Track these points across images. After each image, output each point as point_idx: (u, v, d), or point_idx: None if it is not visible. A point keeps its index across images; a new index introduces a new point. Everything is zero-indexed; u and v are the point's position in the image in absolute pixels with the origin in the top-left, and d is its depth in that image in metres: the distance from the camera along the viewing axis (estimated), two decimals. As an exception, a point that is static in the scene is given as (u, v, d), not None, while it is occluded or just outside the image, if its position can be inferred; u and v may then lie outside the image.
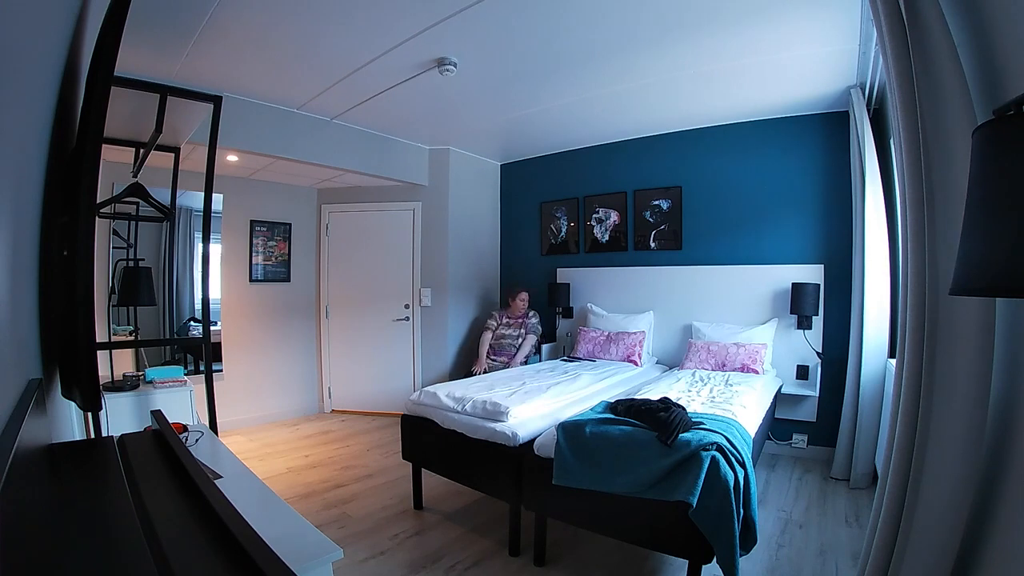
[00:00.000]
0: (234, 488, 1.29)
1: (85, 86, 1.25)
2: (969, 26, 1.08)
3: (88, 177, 1.09)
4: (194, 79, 2.91)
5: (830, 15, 2.29)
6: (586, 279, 4.57)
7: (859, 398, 2.97)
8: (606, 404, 2.33)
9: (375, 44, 2.63)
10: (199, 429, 1.95)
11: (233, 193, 4.23)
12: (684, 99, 3.43)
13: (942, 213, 1.08)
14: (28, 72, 0.84)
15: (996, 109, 0.69)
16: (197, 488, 0.90)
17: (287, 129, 3.60)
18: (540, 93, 3.34)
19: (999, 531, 0.99)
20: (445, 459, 2.60)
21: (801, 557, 2.26)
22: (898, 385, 1.25)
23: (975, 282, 0.69)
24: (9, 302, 0.77)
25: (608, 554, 2.31)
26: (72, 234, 1.09)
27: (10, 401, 0.75)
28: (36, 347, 1.06)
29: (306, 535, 1.14)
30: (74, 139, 1.31)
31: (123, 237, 3.35)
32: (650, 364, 3.92)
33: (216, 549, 0.73)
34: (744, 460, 1.84)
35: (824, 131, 3.50)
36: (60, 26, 1.13)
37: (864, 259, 2.92)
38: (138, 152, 2.67)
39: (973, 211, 0.71)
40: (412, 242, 4.78)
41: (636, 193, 4.32)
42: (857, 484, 2.98)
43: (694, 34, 2.51)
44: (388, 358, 4.84)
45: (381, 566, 2.21)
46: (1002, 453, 1.02)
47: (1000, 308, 1.05)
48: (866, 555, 1.33)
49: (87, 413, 2.19)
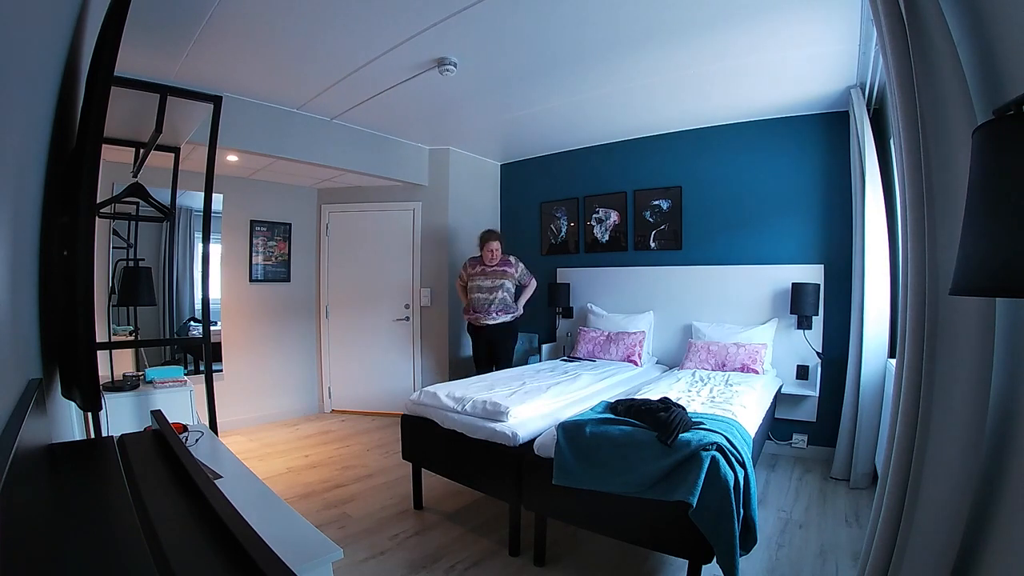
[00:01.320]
0: (234, 488, 1.29)
1: (85, 86, 1.25)
2: (969, 26, 1.08)
3: (88, 177, 1.09)
4: (194, 79, 2.91)
5: (830, 15, 2.29)
6: (586, 279, 4.57)
7: (859, 398, 2.97)
8: (606, 404, 2.33)
9: (375, 44, 2.63)
10: (199, 429, 1.95)
11: (233, 193, 4.23)
12: (684, 99, 3.43)
13: (942, 213, 1.08)
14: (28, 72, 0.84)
15: (996, 109, 0.69)
16: (197, 488, 0.90)
17: (287, 129, 3.60)
18: (540, 93, 3.34)
19: (999, 531, 0.99)
20: (445, 459, 2.60)
21: (801, 557, 2.26)
22: (898, 385, 1.25)
23: (975, 282, 0.69)
24: (9, 302, 0.77)
25: (608, 554, 2.31)
26: (72, 234, 1.09)
27: (10, 401, 0.75)
28: (36, 347, 1.06)
29: (306, 535, 1.14)
30: (74, 139, 1.31)
31: (123, 237, 3.35)
32: (650, 364, 3.91)
33: (216, 549, 0.73)
34: (744, 460, 1.84)
35: (824, 131, 3.50)
36: (60, 26, 1.13)
37: (864, 259, 2.92)
38: (138, 152, 2.67)
39: (973, 211, 0.71)
40: (412, 242, 4.78)
41: (636, 193, 4.31)
42: (857, 484, 2.98)
43: (694, 34, 2.51)
44: (388, 358, 4.84)
45: (381, 566, 2.21)
46: (1002, 453, 1.02)
47: (1000, 308, 1.05)
48: (866, 555, 1.33)
49: (87, 413, 2.19)
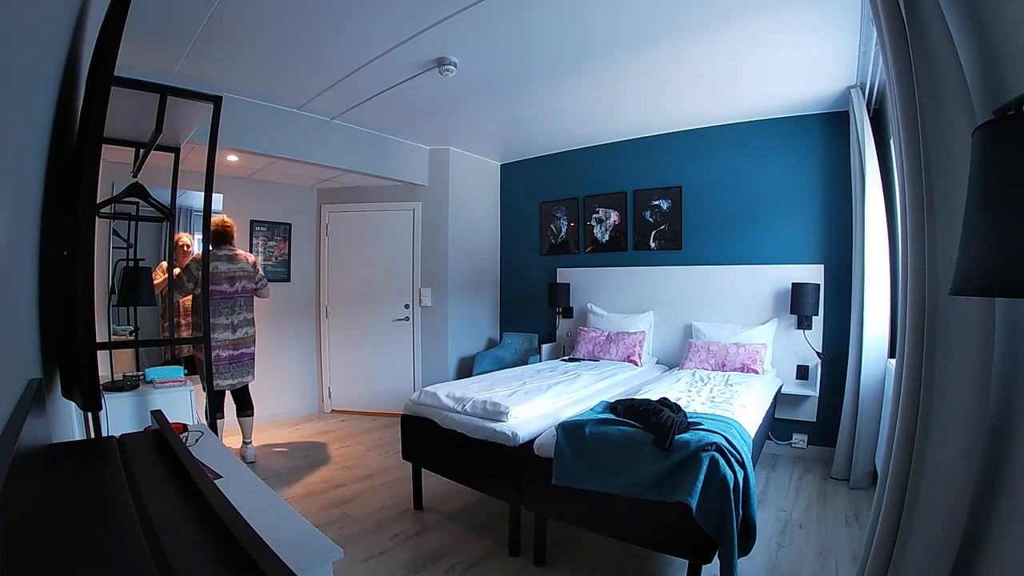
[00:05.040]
0: (234, 488, 1.29)
1: (85, 86, 1.25)
2: (969, 26, 1.08)
3: (88, 177, 1.09)
4: (194, 79, 2.91)
5: (830, 15, 2.29)
6: (586, 279, 4.57)
7: (859, 398, 2.97)
8: (606, 404, 2.33)
9: (375, 44, 2.63)
10: (199, 429, 1.95)
11: (233, 193, 4.23)
12: (684, 99, 3.43)
13: (942, 213, 1.08)
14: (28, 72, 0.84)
15: (996, 109, 0.69)
16: (197, 488, 0.90)
17: (287, 129, 3.60)
18: (540, 93, 3.34)
19: (999, 531, 0.99)
20: (445, 459, 2.60)
21: (801, 557, 2.26)
22: (898, 385, 1.25)
23: (975, 282, 0.69)
24: (9, 302, 0.77)
25: (608, 554, 2.31)
26: (72, 234, 1.09)
27: (10, 401, 0.75)
28: (36, 347, 1.06)
29: (306, 535, 1.14)
30: (74, 139, 1.30)
31: (123, 237, 3.35)
32: (650, 364, 3.91)
33: (216, 549, 0.73)
34: (744, 460, 1.84)
35: (824, 131, 3.50)
36: (60, 26, 1.13)
37: (864, 259, 2.92)
38: (138, 152, 2.67)
39: (973, 211, 0.71)
40: (412, 242, 4.78)
41: (636, 193, 4.31)
42: (857, 484, 2.98)
43: (695, 33, 2.51)
44: (388, 358, 4.84)
45: (381, 566, 2.21)
46: (1002, 453, 1.02)
47: (1000, 308, 1.05)
48: (866, 555, 1.33)
49: (87, 413, 2.19)
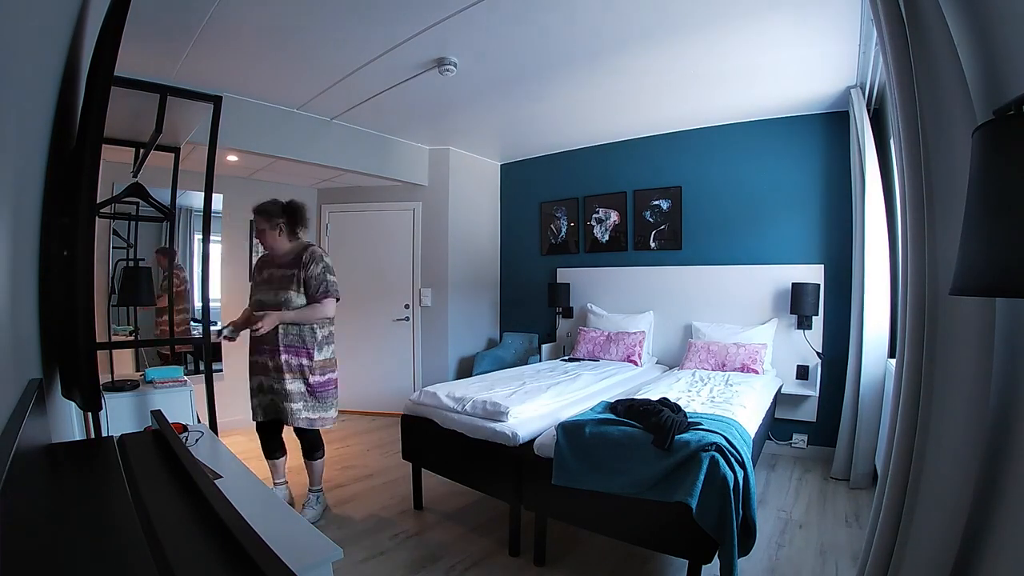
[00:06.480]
0: (234, 488, 1.29)
1: (85, 86, 1.25)
2: (969, 26, 1.08)
3: (88, 177, 1.09)
4: (194, 79, 2.91)
5: (830, 15, 2.29)
6: (586, 279, 4.56)
7: (859, 398, 2.97)
8: (606, 404, 2.33)
9: (375, 44, 2.63)
10: (199, 429, 1.95)
11: (233, 193, 4.22)
12: (684, 99, 3.43)
13: (942, 213, 1.08)
14: (28, 72, 0.84)
15: (996, 109, 0.69)
16: (197, 488, 0.90)
17: (287, 129, 3.60)
18: (540, 93, 3.34)
19: (999, 531, 0.99)
20: (445, 459, 2.60)
21: (801, 557, 2.26)
22: (898, 385, 1.25)
23: (975, 282, 0.69)
24: (9, 302, 0.77)
25: (608, 554, 2.31)
26: (72, 234, 1.09)
27: (10, 401, 0.75)
28: (36, 347, 1.06)
29: (306, 535, 1.14)
30: (74, 139, 1.30)
31: (123, 237, 3.35)
32: (650, 364, 3.91)
33: (216, 549, 0.73)
34: (744, 460, 1.84)
35: (824, 131, 3.50)
36: (60, 26, 1.13)
37: (864, 259, 2.92)
38: (138, 152, 2.67)
39: (973, 211, 0.71)
40: (412, 242, 4.78)
41: (636, 193, 4.31)
42: (857, 484, 2.98)
43: (694, 34, 2.50)
44: (388, 358, 4.84)
45: (381, 566, 2.21)
46: (1002, 453, 1.02)
47: (1000, 308, 1.05)
48: (866, 555, 1.33)
49: (87, 413, 2.19)
